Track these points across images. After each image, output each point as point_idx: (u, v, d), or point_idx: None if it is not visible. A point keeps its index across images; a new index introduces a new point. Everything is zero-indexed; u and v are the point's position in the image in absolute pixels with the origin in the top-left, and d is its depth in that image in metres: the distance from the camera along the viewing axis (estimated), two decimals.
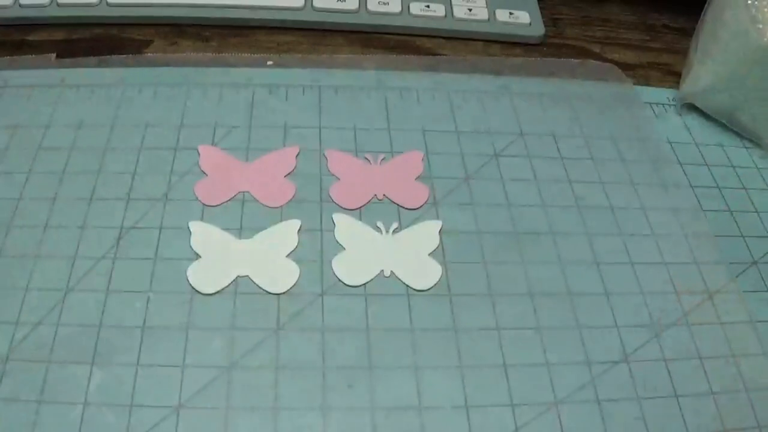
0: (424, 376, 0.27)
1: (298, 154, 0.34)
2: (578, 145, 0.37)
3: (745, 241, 0.33)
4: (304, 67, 0.40)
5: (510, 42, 0.43)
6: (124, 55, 0.39)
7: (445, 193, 0.34)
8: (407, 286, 0.30)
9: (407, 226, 0.32)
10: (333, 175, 0.34)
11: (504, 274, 0.31)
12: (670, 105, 0.40)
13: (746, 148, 0.38)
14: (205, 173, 0.33)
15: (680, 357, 0.28)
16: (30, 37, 0.41)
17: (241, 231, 0.31)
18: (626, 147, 0.37)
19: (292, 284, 0.29)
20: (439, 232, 0.32)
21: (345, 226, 0.32)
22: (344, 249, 0.31)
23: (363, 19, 0.43)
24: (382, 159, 0.35)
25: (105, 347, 0.27)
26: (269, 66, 0.40)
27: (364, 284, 0.30)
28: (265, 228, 0.31)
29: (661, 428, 0.26)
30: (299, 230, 0.31)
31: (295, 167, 0.34)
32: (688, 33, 0.44)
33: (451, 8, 0.44)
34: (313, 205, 0.32)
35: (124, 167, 0.33)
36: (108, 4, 0.42)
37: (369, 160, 0.35)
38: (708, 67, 0.37)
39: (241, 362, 0.27)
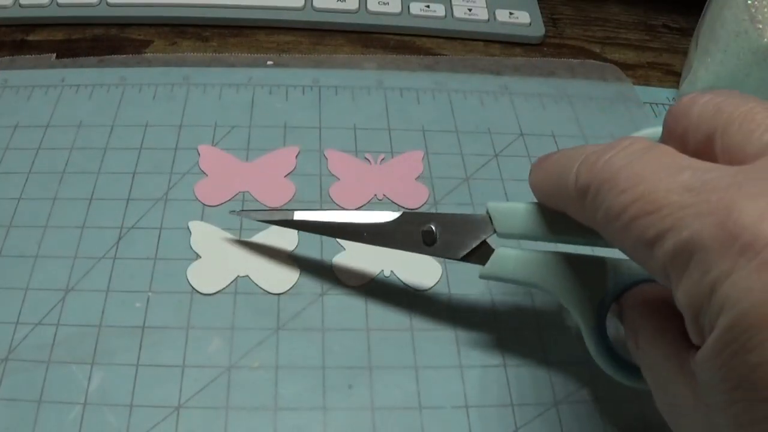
0: (424, 376, 0.27)
1: (298, 154, 0.34)
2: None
3: None
4: (304, 67, 0.40)
5: (510, 42, 0.43)
6: (124, 55, 0.39)
7: (445, 193, 0.34)
8: (407, 286, 0.30)
9: None
10: (333, 175, 0.34)
11: None
12: (670, 105, 0.40)
13: None
14: (205, 173, 0.33)
15: None
16: (30, 37, 0.41)
17: (241, 231, 0.31)
18: None
19: (292, 284, 0.29)
20: None
21: None
22: (344, 249, 0.31)
23: (363, 19, 0.43)
24: (382, 159, 0.35)
25: (105, 347, 0.27)
26: (269, 66, 0.40)
27: (364, 284, 0.30)
28: (265, 228, 0.31)
29: (661, 428, 0.26)
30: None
31: (295, 167, 0.34)
32: (688, 33, 0.44)
33: (451, 8, 0.44)
34: (313, 205, 0.32)
35: (124, 167, 0.33)
36: (108, 4, 0.42)
37: (369, 160, 0.35)
38: (708, 67, 0.37)
39: (241, 362, 0.27)
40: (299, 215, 0.28)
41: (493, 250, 0.25)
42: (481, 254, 0.25)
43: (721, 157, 0.18)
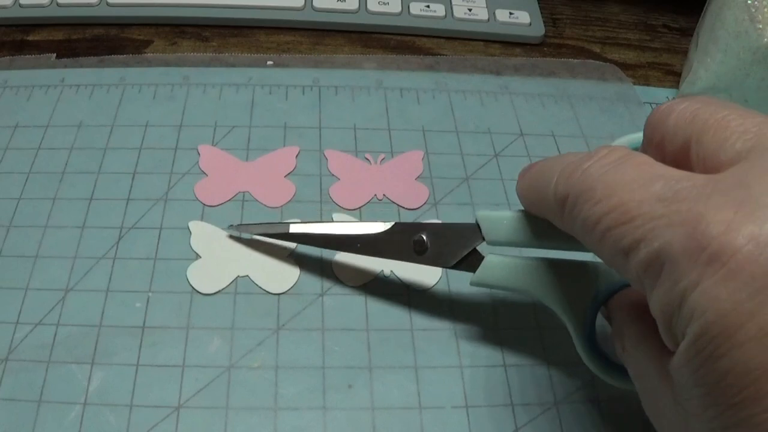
0: (424, 376, 0.27)
1: (298, 154, 0.34)
2: (578, 145, 0.37)
3: None
4: (304, 67, 0.40)
5: (510, 42, 0.43)
6: (124, 55, 0.39)
7: (445, 193, 0.34)
8: (407, 286, 0.30)
9: None
10: (333, 175, 0.34)
11: None
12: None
13: None
14: (205, 173, 0.33)
15: None
16: (30, 37, 0.41)
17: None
18: None
19: (292, 284, 0.29)
20: None
21: None
22: None
23: (363, 19, 0.43)
24: (382, 159, 0.35)
25: (105, 347, 0.27)
26: (269, 66, 0.40)
27: (364, 284, 0.30)
28: None
29: None
30: None
31: (295, 167, 0.34)
32: (688, 33, 0.44)
33: (451, 8, 0.44)
34: (313, 205, 0.32)
35: (124, 167, 0.33)
36: (108, 4, 0.42)
37: (369, 160, 0.35)
38: (708, 67, 0.37)
39: (241, 362, 0.27)
40: (295, 228, 0.29)
41: (482, 257, 0.26)
42: (471, 262, 0.26)
43: (696, 165, 0.18)
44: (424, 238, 0.27)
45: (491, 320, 0.29)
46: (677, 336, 0.16)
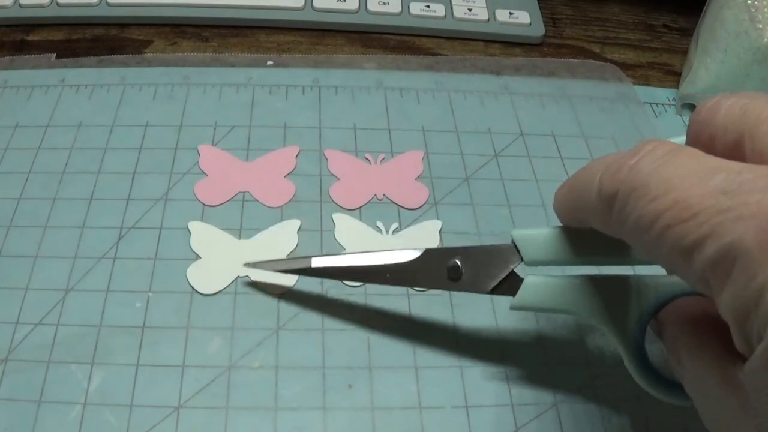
0: (424, 376, 0.27)
1: (298, 154, 0.34)
2: (578, 145, 0.37)
3: None
4: (304, 67, 0.40)
5: (510, 42, 0.43)
6: (124, 55, 0.39)
7: (445, 193, 0.34)
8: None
9: (407, 226, 0.32)
10: (333, 175, 0.34)
11: None
12: (669, 105, 0.40)
13: None
14: (205, 173, 0.33)
15: None
16: (30, 37, 0.41)
17: (241, 231, 0.31)
18: (626, 147, 0.37)
19: (292, 284, 0.29)
20: (439, 232, 0.32)
21: (345, 226, 0.32)
22: (344, 249, 0.31)
23: (363, 19, 0.43)
24: (382, 159, 0.35)
25: (105, 347, 0.27)
26: (269, 66, 0.40)
27: (365, 284, 0.30)
28: (265, 228, 0.31)
29: (662, 428, 0.26)
30: (299, 230, 0.31)
31: (295, 167, 0.34)
32: (688, 33, 0.44)
33: (451, 8, 0.44)
34: (313, 205, 0.32)
35: (124, 167, 0.33)
36: (108, 4, 0.42)
37: (369, 160, 0.35)
38: (708, 67, 0.37)
39: (241, 362, 0.27)
40: (317, 262, 0.27)
41: (521, 279, 0.24)
42: (510, 285, 0.25)
43: (751, 159, 0.17)
44: (458, 263, 0.25)
45: (491, 320, 0.29)
46: (752, 338, 0.15)
